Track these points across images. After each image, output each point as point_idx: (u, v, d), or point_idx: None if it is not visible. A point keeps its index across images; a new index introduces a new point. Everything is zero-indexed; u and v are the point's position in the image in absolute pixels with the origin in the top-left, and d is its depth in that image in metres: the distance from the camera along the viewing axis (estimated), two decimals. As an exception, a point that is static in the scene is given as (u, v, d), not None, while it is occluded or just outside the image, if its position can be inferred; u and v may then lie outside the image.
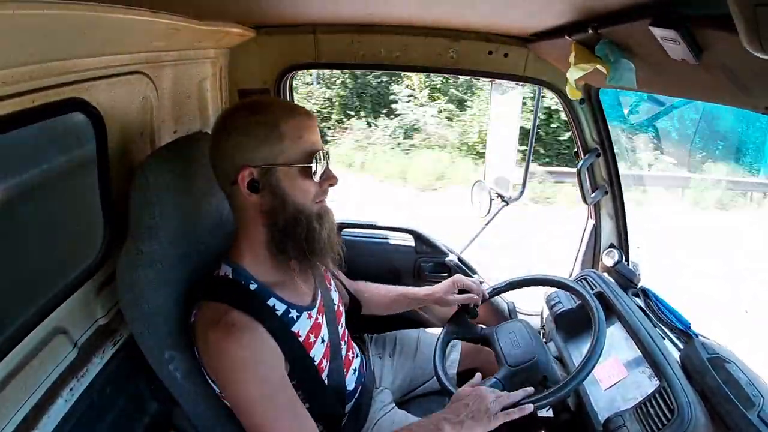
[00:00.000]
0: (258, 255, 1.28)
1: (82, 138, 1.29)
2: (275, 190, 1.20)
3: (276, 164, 1.18)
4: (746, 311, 4.56)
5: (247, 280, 1.26)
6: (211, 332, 1.17)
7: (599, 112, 1.98)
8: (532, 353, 1.50)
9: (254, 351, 1.17)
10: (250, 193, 1.20)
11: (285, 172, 1.19)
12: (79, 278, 1.33)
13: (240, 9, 1.58)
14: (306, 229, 1.23)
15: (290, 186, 1.20)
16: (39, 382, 1.19)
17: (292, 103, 1.23)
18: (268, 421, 1.17)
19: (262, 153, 1.17)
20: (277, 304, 1.27)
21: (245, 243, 1.28)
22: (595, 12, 1.18)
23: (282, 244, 1.24)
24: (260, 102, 1.25)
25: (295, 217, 1.22)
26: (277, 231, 1.23)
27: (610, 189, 2.11)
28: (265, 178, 1.19)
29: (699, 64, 0.91)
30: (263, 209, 1.23)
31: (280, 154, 1.18)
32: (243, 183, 1.19)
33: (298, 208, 1.22)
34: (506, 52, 1.95)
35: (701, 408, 1.33)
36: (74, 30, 1.03)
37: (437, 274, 2.40)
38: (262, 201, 1.21)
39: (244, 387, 1.16)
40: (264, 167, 1.18)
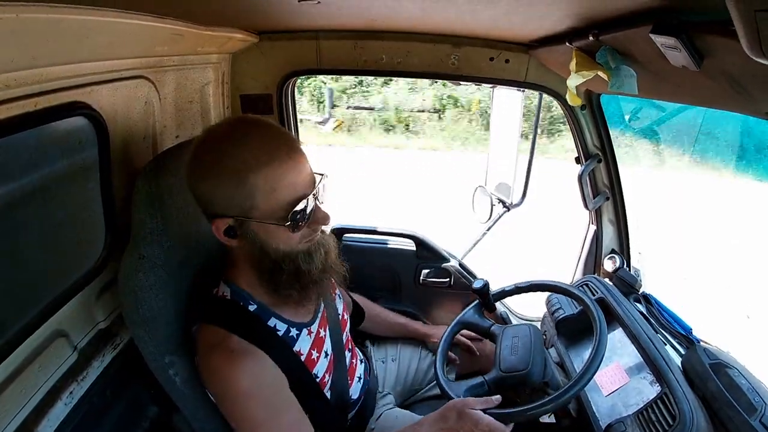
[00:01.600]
0: (253, 282, 1.23)
1: (85, 142, 1.29)
2: (253, 240, 1.13)
3: (249, 218, 1.10)
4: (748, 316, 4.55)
5: (246, 302, 1.24)
6: (213, 357, 1.16)
7: (600, 118, 1.99)
8: (526, 364, 1.46)
9: (256, 377, 1.15)
10: (228, 239, 1.14)
11: (261, 226, 1.11)
12: (80, 282, 1.33)
13: (243, 15, 1.59)
14: (294, 271, 1.17)
15: (269, 238, 1.13)
16: (39, 385, 1.19)
17: (269, 140, 1.10)
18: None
19: (234, 205, 1.08)
20: (278, 324, 1.26)
21: (239, 270, 1.24)
22: (596, 19, 1.19)
23: (272, 282, 1.19)
24: (226, 144, 1.08)
25: (280, 261, 1.16)
26: (264, 272, 1.18)
27: (611, 195, 2.11)
28: (241, 229, 1.12)
29: (700, 70, 0.92)
30: (245, 253, 1.18)
31: (251, 210, 1.08)
32: (218, 232, 1.13)
33: (282, 253, 1.15)
34: (507, 58, 1.96)
35: (703, 414, 1.33)
36: (77, 34, 1.04)
37: (438, 279, 2.40)
38: (241, 246, 1.16)
39: (248, 413, 1.16)
40: (237, 218, 1.10)
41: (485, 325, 1.66)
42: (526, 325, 1.61)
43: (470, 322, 1.68)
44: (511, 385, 1.44)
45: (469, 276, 2.37)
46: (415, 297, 2.42)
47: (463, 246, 2.52)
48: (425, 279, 2.40)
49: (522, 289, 1.71)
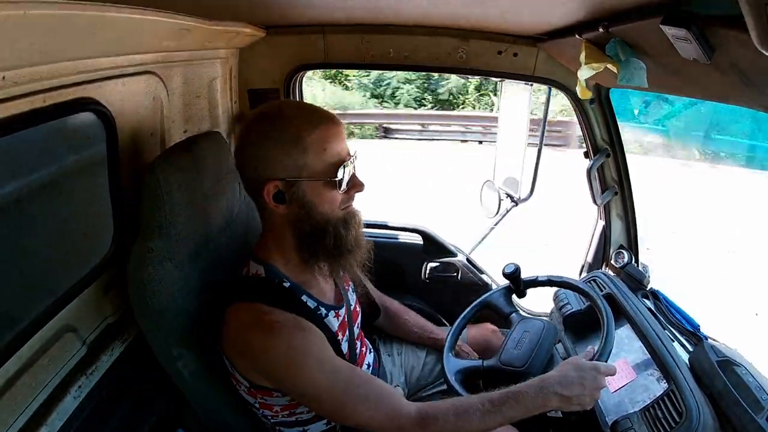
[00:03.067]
0: (288, 257, 1.30)
1: (93, 137, 1.30)
2: (301, 201, 1.21)
3: (300, 178, 1.19)
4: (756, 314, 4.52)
5: (281, 279, 1.28)
6: (254, 334, 1.18)
7: (609, 112, 1.97)
8: (525, 362, 1.47)
9: (303, 340, 1.19)
10: (276, 205, 1.21)
11: (310, 185, 1.20)
12: (89, 277, 1.34)
13: (250, 9, 1.59)
14: (333, 235, 1.25)
15: (316, 197, 1.21)
16: (48, 379, 1.20)
17: (318, 109, 1.27)
18: (339, 398, 1.19)
19: (286, 167, 1.18)
20: (309, 302, 1.30)
21: (274, 245, 1.30)
22: (606, 10, 1.18)
23: (312, 249, 1.26)
24: (283, 111, 1.24)
25: (322, 225, 1.24)
26: (305, 237, 1.25)
27: (620, 190, 2.09)
28: (290, 191, 1.20)
29: (710, 63, 0.91)
30: (290, 219, 1.24)
31: (304, 168, 1.18)
32: (269, 196, 1.20)
33: (325, 217, 1.24)
34: (516, 51, 1.94)
35: (710, 411, 1.32)
36: (85, 30, 1.04)
37: (445, 274, 2.40)
38: (288, 211, 1.23)
39: (306, 378, 1.18)
40: (289, 180, 1.19)
41: (507, 310, 1.66)
42: (541, 322, 1.60)
43: (494, 303, 1.69)
44: (505, 379, 1.44)
45: (476, 271, 2.37)
46: (423, 292, 2.42)
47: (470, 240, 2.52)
48: (432, 274, 2.40)
49: (554, 282, 1.71)
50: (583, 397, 1.24)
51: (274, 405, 1.29)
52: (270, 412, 1.31)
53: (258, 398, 1.29)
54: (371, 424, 1.20)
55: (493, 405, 1.19)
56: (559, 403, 1.23)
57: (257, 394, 1.28)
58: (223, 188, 1.45)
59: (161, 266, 1.27)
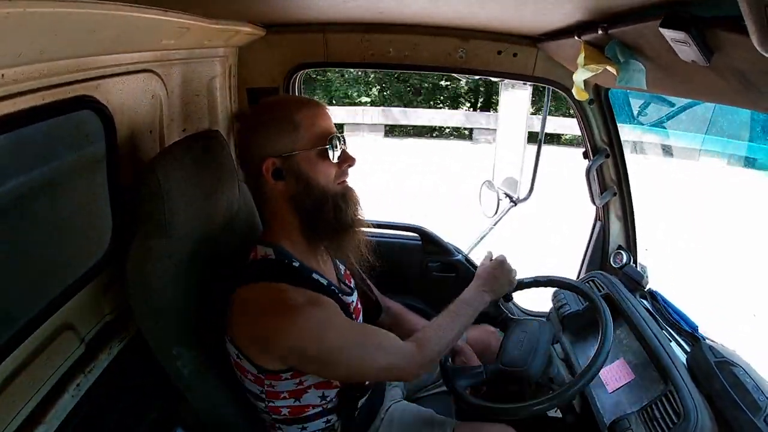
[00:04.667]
0: (294, 239, 1.33)
1: (92, 135, 1.29)
2: (298, 174, 1.27)
3: (295, 151, 1.26)
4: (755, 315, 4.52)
5: (290, 259, 1.30)
6: (270, 313, 1.19)
7: (608, 113, 1.97)
8: (526, 362, 1.48)
9: (321, 314, 1.22)
10: (275, 181, 1.28)
11: (304, 157, 1.27)
12: (88, 275, 1.34)
13: (250, 8, 1.59)
14: (333, 209, 1.30)
15: (311, 169, 1.28)
16: (46, 377, 1.20)
17: (305, 97, 1.35)
18: (359, 355, 1.26)
19: (281, 143, 1.26)
20: (320, 279, 1.32)
21: (279, 228, 1.34)
22: (605, 12, 1.18)
23: (313, 225, 1.31)
24: (273, 100, 1.37)
25: (320, 198, 1.29)
26: (306, 214, 1.30)
27: (618, 190, 2.10)
28: (286, 165, 1.27)
29: (709, 65, 0.91)
30: (289, 195, 1.29)
31: (297, 142, 1.26)
32: (267, 173, 1.26)
33: (322, 189, 1.29)
34: (515, 51, 1.95)
35: (707, 412, 1.33)
36: (84, 28, 1.04)
37: (444, 273, 2.40)
38: (287, 187, 1.29)
39: (327, 347, 1.21)
40: (285, 156, 1.26)
41: (499, 312, 1.67)
42: (537, 322, 1.61)
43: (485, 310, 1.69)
44: (508, 380, 1.45)
45: (475, 270, 2.37)
46: (422, 291, 2.42)
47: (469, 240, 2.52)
48: (431, 273, 2.40)
49: (540, 282, 1.71)
50: (503, 284, 1.55)
51: (282, 392, 1.28)
52: (276, 402, 1.30)
53: (265, 386, 1.28)
54: (388, 368, 1.31)
55: (456, 314, 1.44)
56: (490, 296, 1.52)
57: (264, 381, 1.27)
58: (222, 187, 1.44)
59: (160, 265, 1.27)
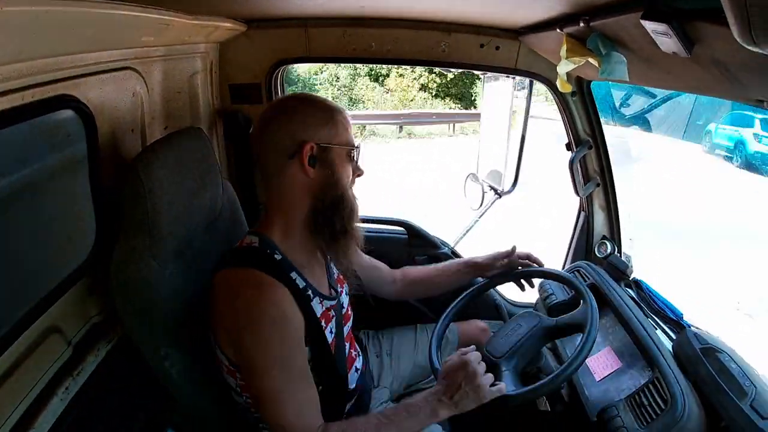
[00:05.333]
0: (290, 231, 1.33)
1: (73, 135, 1.27)
2: (329, 167, 1.31)
3: (332, 143, 1.30)
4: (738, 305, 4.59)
5: (273, 250, 1.29)
6: (242, 292, 1.20)
7: (591, 105, 1.99)
8: (504, 353, 1.47)
9: (282, 309, 1.21)
10: (309, 167, 1.28)
11: (338, 153, 1.31)
12: (73, 277, 1.32)
13: (230, 3, 1.57)
14: (349, 207, 1.34)
15: (340, 166, 1.32)
16: (34, 381, 1.19)
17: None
18: (280, 383, 1.21)
19: (322, 133, 1.29)
20: (297, 279, 1.30)
21: (279, 216, 1.34)
22: (587, 5, 1.18)
23: (323, 220, 1.32)
24: (311, 95, 1.39)
25: (342, 196, 1.33)
26: (322, 207, 1.32)
27: (602, 181, 2.11)
28: (323, 155, 1.29)
29: (690, 57, 0.92)
30: (314, 184, 1.31)
31: (336, 136, 1.31)
32: (305, 157, 1.27)
33: (343, 189, 1.33)
34: (498, 44, 1.95)
35: (694, 398, 1.35)
36: (63, 26, 1.02)
37: None
38: (316, 176, 1.30)
39: (266, 346, 1.19)
40: (322, 145, 1.29)
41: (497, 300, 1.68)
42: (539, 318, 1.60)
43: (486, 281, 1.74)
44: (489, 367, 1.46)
45: None
46: None
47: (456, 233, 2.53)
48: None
49: (526, 275, 1.74)
50: (466, 396, 1.30)
51: None
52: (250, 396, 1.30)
53: (237, 378, 1.28)
54: (285, 426, 1.23)
55: (386, 418, 1.29)
56: (448, 410, 1.30)
57: (236, 373, 1.28)
58: (205, 185, 1.43)
59: (145, 265, 1.26)
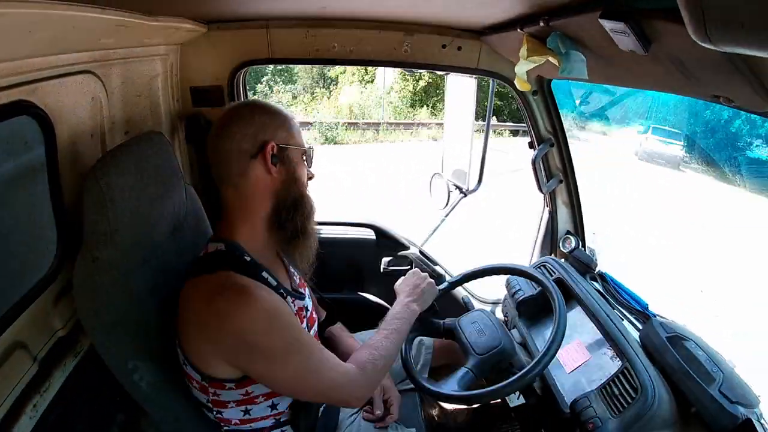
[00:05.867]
0: (254, 232, 1.32)
1: (30, 142, 1.23)
2: (289, 167, 1.33)
3: (290, 144, 1.33)
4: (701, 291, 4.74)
5: (241, 253, 1.27)
6: (219, 299, 1.15)
7: (552, 103, 2.03)
8: (498, 339, 1.54)
9: (270, 303, 1.20)
10: (271, 166, 1.29)
11: (295, 153, 1.35)
12: (35, 290, 1.27)
13: (190, 3, 1.54)
14: (309, 206, 1.38)
15: (298, 165, 1.35)
16: (1, 400, 1.14)
17: None
18: (303, 361, 1.23)
19: (281, 133, 1.32)
20: (270, 279, 1.29)
21: (242, 219, 1.32)
22: (546, 5, 1.21)
23: (285, 218, 1.33)
24: (267, 102, 1.42)
25: (302, 194, 1.36)
26: (284, 204, 1.33)
27: (564, 178, 2.16)
28: (282, 155, 1.31)
29: (648, 54, 0.95)
30: (277, 183, 1.32)
31: (291, 138, 1.34)
32: (267, 156, 1.29)
33: (301, 189, 1.36)
34: (460, 45, 1.97)
35: (663, 385, 1.39)
36: (18, 29, 0.98)
37: (398, 267, 2.42)
38: (278, 176, 1.32)
39: (271, 339, 1.18)
40: (282, 145, 1.31)
41: (437, 325, 1.70)
42: (478, 311, 1.66)
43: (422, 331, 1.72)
44: (494, 364, 1.49)
45: (429, 262, 2.40)
46: (378, 286, 2.44)
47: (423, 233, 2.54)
48: (387, 267, 2.42)
49: (504, 270, 1.76)
50: (426, 291, 1.59)
51: (228, 401, 1.25)
52: (225, 412, 1.27)
53: (210, 394, 1.25)
54: (332, 387, 1.28)
55: (389, 332, 1.45)
56: (418, 306, 1.55)
57: (209, 389, 1.24)
58: (167, 191, 1.40)
59: (108, 275, 1.22)
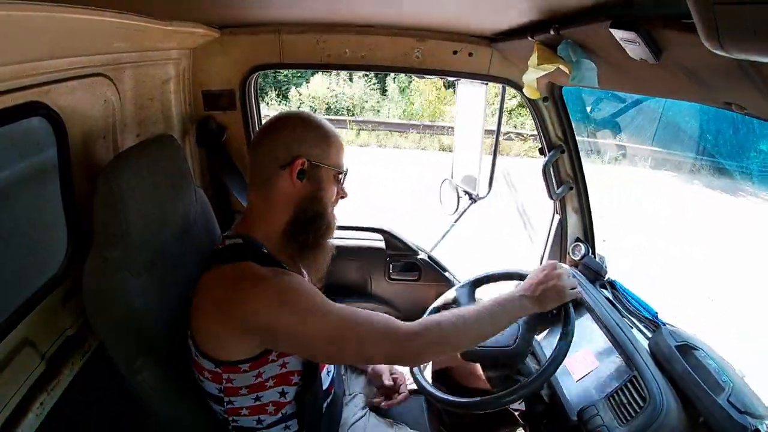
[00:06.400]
0: (272, 231, 1.34)
1: (43, 143, 1.25)
2: (316, 183, 1.34)
3: (322, 163, 1.34)
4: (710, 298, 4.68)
5: (259, 247, 1.30)
6: (243, 283, 1.18)
7: (562, 110, 2.02)
8: (513, 341, 1.50)
9: (296, 281, 1.24)
10: (297, 180, 1.31)
11: (327, 172, 1.35)
12: (44, 289, 1.29)
13: (203, 9, 1.56)
14: (326, 224, 1.38)
15: (326, 185, 1.36)
16: (8, 397, 1.16)
17: None
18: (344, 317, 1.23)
19: (317, 151, 1.33)
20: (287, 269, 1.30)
21: (262, 219, 1.35)
22: (557, 13, 1.21)
23: (301, 230, 1.35)
24: (319, 117, 1.40)
25: (321, 212, 1.36)
26: (302, 217, 1.35)
27: (574, 184, 2.15)
28: (312, 171, 1.33)
29: (659, 63, 0.94)
30: (299, 197, 1.34)
31: (327, 157, 1.35)
32: (295, 169, 1.30)
33: (324, 205, 1.37)
34: (471, 51, 1.97)
35: (672, 394, 1.37)
36: (32, 31, 1.00)
37: (408, 272, 2.41)
38: (303, 189, 1.33)
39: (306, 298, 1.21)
40: (314, 163, 1.32)
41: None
42: None
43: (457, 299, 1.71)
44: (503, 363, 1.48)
45: (439, 268, 2.39)
46: (386, 291, 2.43)
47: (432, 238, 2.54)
48: (395, 273, 2.41)
49: (514, 276, 1.73)
50: (551, 296, 1.40)
51: (240, 387, 1.25)
52: (236, 399, 1.28)
53: (223, 382, 1.25)
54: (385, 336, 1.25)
55: (482, 312, 1.34)
56: (534, 305, 1.39)
57: (222, 376, 1.24)
58: (178, 193, 1.41)
59: (118, 276, 1.23)
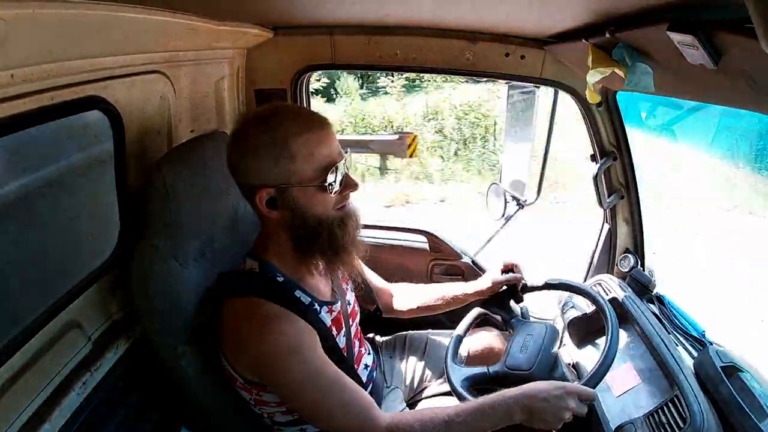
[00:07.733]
0: (284, 253, 1.30)
1: (100, 135, 1.31)
2: (293, 207, 1.22)
3: (290, 184, 1.20)
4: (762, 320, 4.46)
5: (274, 273, 1.29)
6: (246, 326, 1.20)
7: (616, 116, 1.96)
8: (531, 365, 1.46)
9: (292, 336, 1.20)
10: (269, 210, 1.22)
11: (301, 190, 1.21)
12: (95, 274, 1.35)
13: (257, 10, 1.59)
14: (328, 236, 1.26)
15: (307, 202, 1.22)
16: (53, 374, 1.21)
17: (304, 113, 1.29)
18: (319, 398, 1.22)
19: (277, 174, 1.19)
20: (302, 297, 1.30)
21: (271, 243, 1.31)
22: (612, 15, 1.17)
23: (307, 247, 1.28)
24: (271, 116, 1.23)
25: (316, 227, 1.24)
26: (300, 238, 1.26)
27: (626, 193, 2.08)
28: (282, 197, 1.21)
29: (717, 68, 0.90)
30: (284, 222, 1.25)
31: (293, 174, 1.19)
32: (261, 203, 1.21)
33: (318, 219, 1.24)
34: (523, 54, 1.94)
35: (714, 417, 1.31)
36: (93, 29, 1.05)
37: (450, 276, 2.39)
38: (281, 216, 1.24)
39: (289, 372, 1.19)
40: (280, 187, 1.20)
41: (508, 315, 1.65)
42: (543, 324, 1.59)
43: (495, 308, 1.68)
44: (512, 383, 1.44)
45: (482, 272, 2.36)
46: None
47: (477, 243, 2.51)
48: (438, 276, 2.40)
49: (551, 286, 1.69)
50: (545, 413, 1.22)
51: (270, 401, 1.29)
52: (267, 408, 1.32)
53: (253, 394, 1.29)
54: (343, 430, 1.25)
55: (458, 415, 1.22)
56: (521, 416, 1.23)
57: (252, 390, 1.29)
58: (228, 188, 1.45)
59: (166, 265, 1.28)
